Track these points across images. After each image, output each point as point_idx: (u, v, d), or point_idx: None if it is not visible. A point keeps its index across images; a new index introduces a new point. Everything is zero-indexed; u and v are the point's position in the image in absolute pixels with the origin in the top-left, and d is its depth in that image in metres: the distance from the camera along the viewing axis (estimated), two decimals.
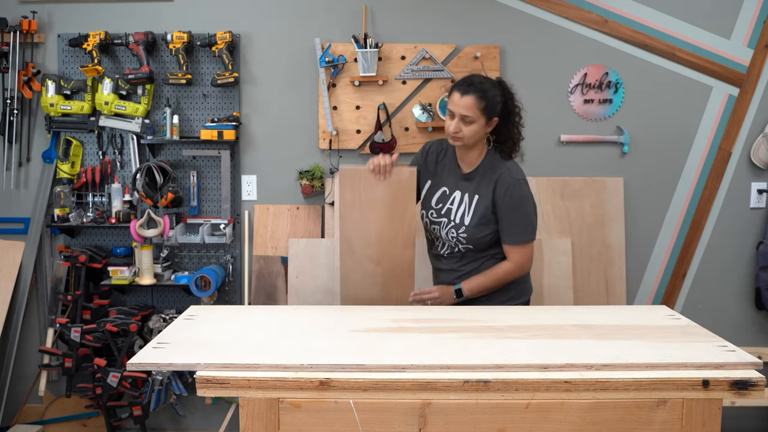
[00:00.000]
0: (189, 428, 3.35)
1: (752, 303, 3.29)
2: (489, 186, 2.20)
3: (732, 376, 1.47)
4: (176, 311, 3.21)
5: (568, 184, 3.19)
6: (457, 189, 2.25)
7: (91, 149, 3.22)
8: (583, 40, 3.18)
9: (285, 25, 3.19)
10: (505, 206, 2.18)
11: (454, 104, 2.14)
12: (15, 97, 3.13)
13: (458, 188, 2.25)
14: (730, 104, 3.19)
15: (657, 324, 1.84)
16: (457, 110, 2.13)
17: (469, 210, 2.21)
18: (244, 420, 1.47)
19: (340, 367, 1.48)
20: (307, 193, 3.17)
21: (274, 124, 3.23)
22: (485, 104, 2.13)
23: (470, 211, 2.21)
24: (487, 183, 2.21)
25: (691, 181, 3.24)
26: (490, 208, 2.20)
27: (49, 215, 3.19)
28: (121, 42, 3.09)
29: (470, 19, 3.18)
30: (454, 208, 2.24)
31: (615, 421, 1.46)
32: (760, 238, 3.24)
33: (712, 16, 3.16)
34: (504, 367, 1.49)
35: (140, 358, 1.52)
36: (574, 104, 3.21)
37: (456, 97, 2.13)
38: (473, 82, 2.15)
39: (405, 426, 1.46)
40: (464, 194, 2.23)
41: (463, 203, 2.23)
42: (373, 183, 2.19)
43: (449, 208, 2.25)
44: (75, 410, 3.25)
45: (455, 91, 2.15)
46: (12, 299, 3.18)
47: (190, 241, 3.12)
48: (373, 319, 1.88)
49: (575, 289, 3.14)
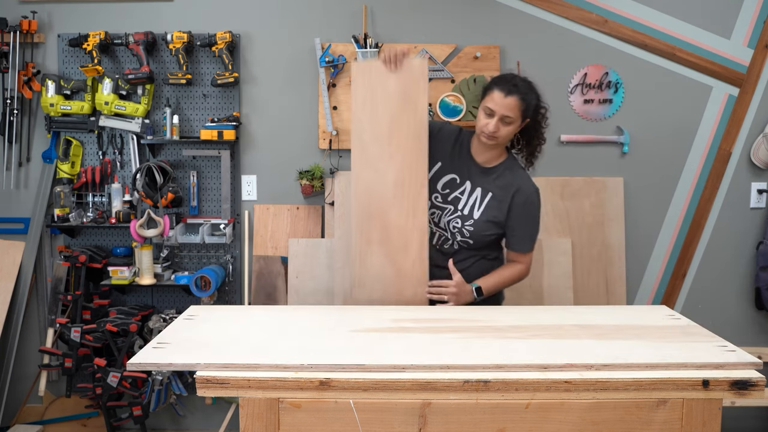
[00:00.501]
0: (189, 428, 3.35)
1: (752, 303, 3.29)
2: (507, 190, 2.18)
3: (732, 376, 1.47)
4: (176, 311, 3.21)
5: (568, 184, 3.19)
6: (469, 180, 2.22)
7: (91, 149, 3.22)
8: (583, 40, 3.18)
9: (285, 25, 3.19)
10: (522, 215, 2.19)
11: (495, 103, 2.08)
12: (15, 97, 3.14)
13: (471, 180, 2.22)
14: (730, 104, 3.19)
15: (657, 324, 1.84)
16: (499, 110, 2.08)
17: (479, 204, 2.19)
18: (244, 420, 1.47)
19: (340, 367, 1.48)
20: (307, 193, 3.18)
21: (274, 124, 3.23)
22: (525, 106, 2.11)
23: (481, 206, 2.19)
24: (505, 186, 2.19)
25: (691, 181, 3.24)
26: (504, 212, 2.18)
27: (49, 215, 3.19)
28: (121, 42, 3.09)
29: (470, 19, 3.18)
30: (463, 198, 2.21)
31: (615, 421, 1.47)
32: (760, 238, 3.24)
33: (712, 16, 3.16)
34: (504, 367, 1.49)
35: (140, 358, 1.52)
36: (574, 104, 3.21)
37: (498, 96, 2.08)
38: (516, 84, 2.11)
39: (405, 426, 1.46)
40: (476, 187, 2.20)
41: (474, 196, 2.20)
42: (385, 75, 2.16)
43: (457, 197, 2.22)
44: (75, 410, 3.26)
45: (497, 90, 2.09)
46: (12, 299, 3.18)
47: (190, 241, 3.12)
48: (373, 319, 1.88)
49: (575, 289, 3.15)
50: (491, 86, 2.13)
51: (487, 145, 2.17)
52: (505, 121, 2.09)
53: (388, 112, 2.18)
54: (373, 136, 2.18)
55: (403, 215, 2.17)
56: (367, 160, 2.19)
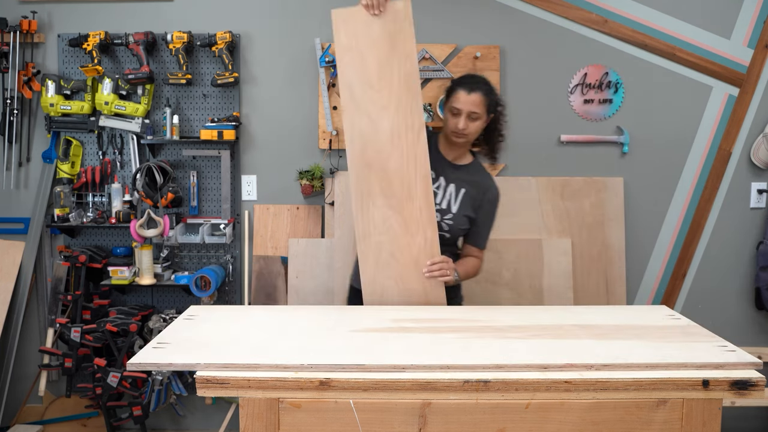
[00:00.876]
0: (189, 428, 3.35)
1: (752, 303, 3.29)
2: (479, 189, 2.28)
3: (732, 376, 1.47)
4: (176, 311, 3.21)
5: (568, 184, 3.19)
6: (442, 176, 2.28)
7: (91, 149, 3.22)
8: (583, 40, 3.18)
9: (285, 25, 3.19)
10: (489, 213, 2.32)
11: (461, 102, 2.17)
12: (15, 97, 3.14)
13: (444, 175, 2.28)
14: (730, 104, 3.19)
15: (657, 324, 1.84)
16: (465, 107, 2.17)
17: (455, 199, 2.26)
18: (244, 420, 1.47)
19: (340, 367, 1.48)
20: (307, 193, 3.18)
21: (274, 124, 3.23)
22: (489, 101, 2.21)
23: (457, 201, 2.26)
24: (477, 185, 2.28)
25: (691, 181, 3.24)
26: (476, 209, 2.28)
27: (49, 215, 3.19)
28: (121, 42, 3.09)
29: (470, 19, 3.18)
30: (440, 193, 2.27)
31: (615, 421, 1.47)
32: (760, 238, 3.24)
33: (712, 16, 3.16)
34: (504, 367, 1.49)
35: (140, 358, 1.52)
36: (574, 104, 3.21)
37: (463, 95, 2.18)
38: (477, 81, 2.22)
39: (405, 426, 1.46)
40: (450, 183, 2.27)
41: (449, 191, 2.27)
42: (368, 20, 2.11)
43: (434, 192, 2.26)
44: (75, 410, 3.26)
45: (461, 89, 2.19)
46: (12, 299, 3.18)
47: (190, 241, 3.12)
48: (373, 319, 1.88)
49: (575, 289, 3.15)
50: (453, 87, 2.23)
51: (455, 144, 2.26)
52: (472, 117, 2.19)
53: (376, 59, 2.12)
54: (363, 83, 2.13)
55: (404, 161, 2.13)
56: (359, 108, 2.13)
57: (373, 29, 2.12)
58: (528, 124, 3.21)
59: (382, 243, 2.14)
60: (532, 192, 3.17)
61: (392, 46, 2.12)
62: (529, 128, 3.21)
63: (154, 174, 3.04)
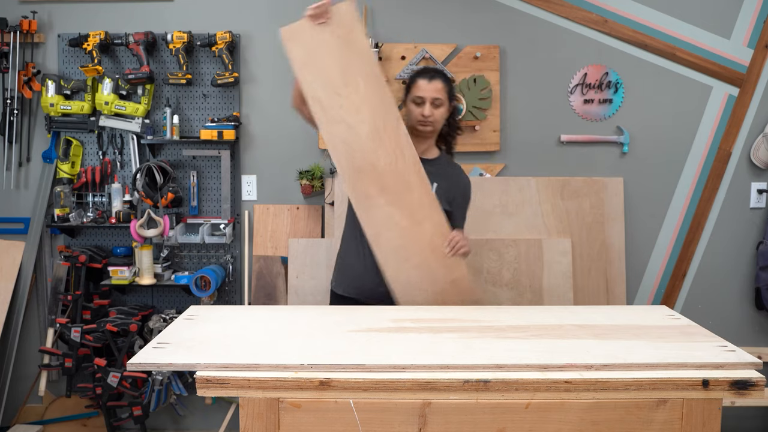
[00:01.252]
0: (189, 428, 3.35)
1: (752, 303, 3.29)
2: (451, 181, 2.32)
3: (732, 376, 1.47)
4: (176, 311, 3.21)
5: (568, 184, 3.19)
6: None
7: (91, 149, 3.22)
8: (583, 40, 3.18)
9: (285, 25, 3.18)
10: (461, 206, 2.37)
11: (423, 90, 2.23)
12: (15, 97, 3.14)
13: None
14: (730, 104, 3.19)
15: (657, 324, 1.84)
16: (427, 95, 2.23)
17: None
18: (244, 420, 1.47)
19: (340, 367, 1.48)
20: (307, 193, 3.18)
21: (274, 124, 3.23)
22: (449, 88, 2.29)
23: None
24: (448, 178, 2.32)
25: (691, 181, 3.24)
26: (449, 201, 2.29)
27: (49, 215, 3.19)
28: (121, 42, 3.09)
29: (470, 19, 3.18)
30: None
31: (615, 421, 1.46)
32: (760, 238, 3.24)
33: (712, 16, 3.16)
34: (504, 367, 1.49)
35: (140, 358, 1.52)
36: (574, 104, 3.21)
37: (423, 83, 2.24)
38: (436, 70, 2.30)
39: (405, 426, 1.46)
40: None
41: None
42: (317, 30, 2.12)
43: None
44: (75, 410, 3.26)
45: (421, 79, 2.25)
46: (12, 299, 3.19)
47: (190, 241, 3.12)
48: (373, 319, 1.88)
49: (575, 289, 3.15)
50: (413, 78, 2.29)
51: (422, 136, 2.29)
52: (436, 104, 2.25)
53: (336, 66, 2.12)
54: (330, 93, 2.12)
55: (392, 156, 2.14)
56: (333, 118, 2.13)
57: (324, 38, 2.12)
58: (528, 124, 3.21)
59: (393, 239, 2.15)
60: (532, 192, 3.17)
61: (348, 48, 2.13)
62: (529, 128, 3.21)
63: (154, 174, 3.04)
